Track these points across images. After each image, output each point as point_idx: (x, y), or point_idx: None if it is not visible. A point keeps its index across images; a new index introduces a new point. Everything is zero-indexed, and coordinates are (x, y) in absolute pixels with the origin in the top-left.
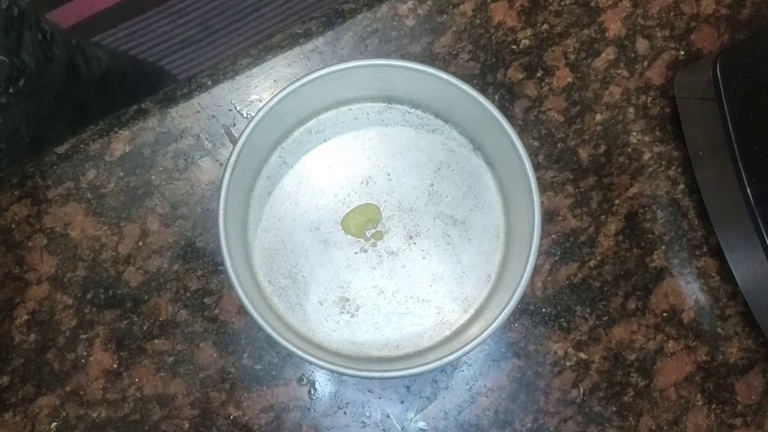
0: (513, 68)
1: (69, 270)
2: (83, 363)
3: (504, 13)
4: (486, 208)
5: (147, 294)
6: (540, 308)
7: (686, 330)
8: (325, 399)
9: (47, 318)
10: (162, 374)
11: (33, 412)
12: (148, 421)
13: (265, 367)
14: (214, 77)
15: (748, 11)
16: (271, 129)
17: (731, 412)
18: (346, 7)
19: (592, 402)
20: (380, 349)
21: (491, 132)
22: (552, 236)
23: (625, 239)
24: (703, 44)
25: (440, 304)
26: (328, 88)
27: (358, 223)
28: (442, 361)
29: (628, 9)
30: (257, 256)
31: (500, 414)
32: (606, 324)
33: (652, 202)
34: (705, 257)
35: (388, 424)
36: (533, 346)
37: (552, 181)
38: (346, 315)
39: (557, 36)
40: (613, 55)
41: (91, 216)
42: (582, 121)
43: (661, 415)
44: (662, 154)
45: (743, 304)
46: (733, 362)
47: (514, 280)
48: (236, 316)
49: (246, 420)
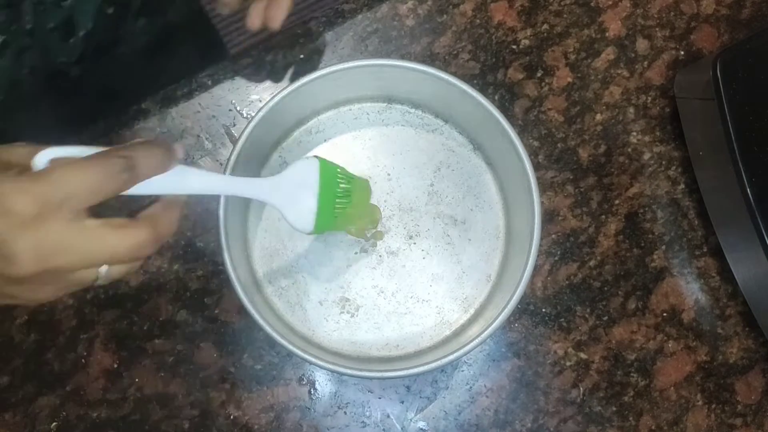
0: (513, 68)
1: None
2: (83, 363)
3: (504, 13)
4: (486, 208)
5: (147, 294)
6: (540, 308)
7: (686, 330)
8: (325, 399)
9: (47, 318)
10: (162, 374)
11: (33, 412)
12: (148, 421)
13: (265, 367)
14: (214, 77)
15: (748, 11)
16: (271, 129)
17: (731, 412)
18: (346, 7)
19: (592, 402)
20: (380, 349)
21: (491, 132)
22: (552, 236)
23: (625, 239)
24: (703, 44)
25: (440, 304)
26: (328, 88)
27: (359, 223)
28: (442, 361)
29: (628, 9)
30: (257, 256)
31: (500, 414)
32: (606, 324)
33: (652, 202)
34: (705, 257)
35: (388, 424)
36: (533, 346)
37: (552, 181)
38: (346, 315)
39: (557, 36)
40: (613, 55)
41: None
42: (582, 121)
43: (661, 415)
44: (662, 154)
45: (743, 304)
46: (733, 362)
47: (514, 280)
48: (236, 316)
49: (246, 420)
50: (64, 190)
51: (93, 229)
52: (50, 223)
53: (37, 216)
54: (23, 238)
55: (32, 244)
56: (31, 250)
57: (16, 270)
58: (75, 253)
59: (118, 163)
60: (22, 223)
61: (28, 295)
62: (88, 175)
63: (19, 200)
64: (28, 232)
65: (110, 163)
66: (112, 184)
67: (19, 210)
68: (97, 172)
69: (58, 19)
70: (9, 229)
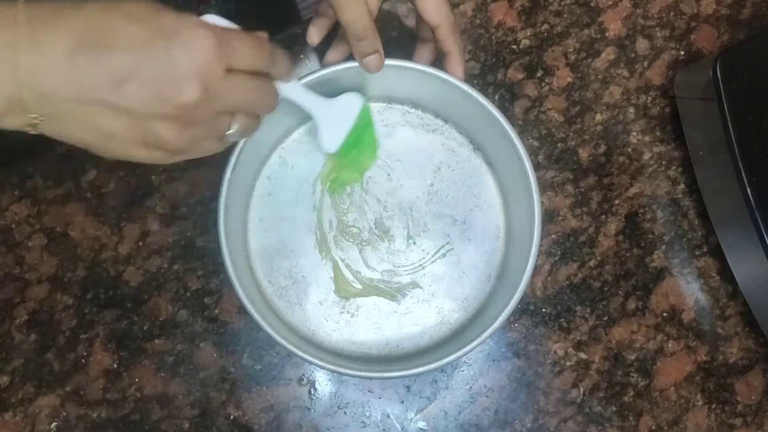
0: (513, 68)
1: (69, 270)
2: (83, 363)
3: (504, 13)
4: (486, 208)
5: (147, 294)
6: (540, 308)
7: (686, 330)
8: (325, 399)
9: (47, 318)
10: (162, 374)
11: (33, 412)
12: (148, 421)
13: (265, 367)
14: None
15: (748, 11)
16: (271, 129)
17: (731, 412)
18: None
19: (592, 402)
20: (380, 349)
21: (491, 132)
22: (552, 236)
23: (625, 239)
24: (703, 44)
25: (440, 304)
26: (329, 88)
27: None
28: (442, 361)
29: (628, 9)
30: (257, 256)
31: (500, 414)
32: (606, 324)
33: (652, 202)
34: (705, 257)
35: (388, 424)
36: (533, 346)
37: (552, 181)
38: (346, 315)
39: (557, 36)
40: (613, 55)
41: (91, 216)
42: (582, 121)
43: (661, 415)
44: (662, 154)
45: (743, 304)
46: (733, 362)
47: (514, 280)
48: (236, 316)
49: (246, 420)
50: (236, 46)
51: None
52: (216, 66)
53: (210, 59)
54: (196, 66)
55: (200, 75)
56: (198, 79)
57: (182, 96)
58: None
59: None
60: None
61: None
62: (254, 46)
63: (205, 36)
64: (202, 64)
65: (265, 45)
66: (262, 62)
67: (201, 44)
68: (259, 47)
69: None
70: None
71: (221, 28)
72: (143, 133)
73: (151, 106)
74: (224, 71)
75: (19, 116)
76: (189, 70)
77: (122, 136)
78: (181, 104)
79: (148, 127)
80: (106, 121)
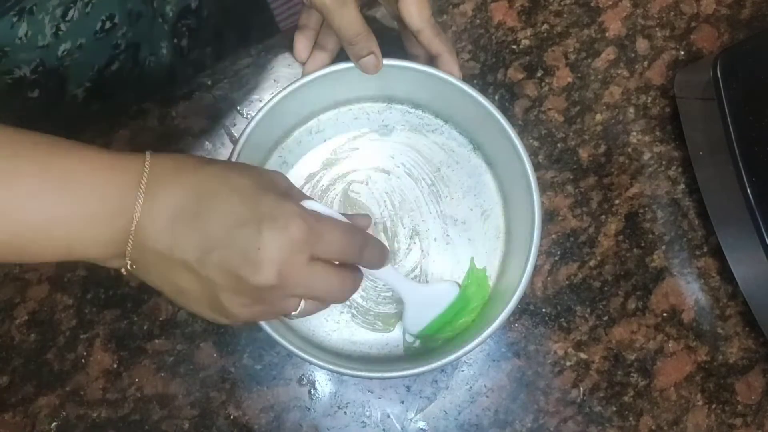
0: (513, 68)
1: (69, 270)
2: (83, 363)
3: (504, 13)
4: (486, 208)
5: (147, 294)
6: (540, 308)
7: (686, 330)
8: (325, 399)
9: (47, 318)
10: (162, 374)
11: (33, 412)
12: (148, 421)
13: (265, 367)
14: (214, 77)
15: (748, 11)
16: (271, 129)
17: (731, 412)
18: None
19: (592, 402)
20: (380, 349)
21: (491, 132)
22: (552, 236)
23: (625, 239)
24: (703, 44)
25: None
26: (328, 88)
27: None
28: (442, 361)
29: (628, 9)
30: None
31: (500, 414)
32: (606, 324)
33: (652, 202)
34: (705, 257)
35: (388, 424)
36: (533, 346)
37: (552, 181)
38: (346, 315)
39: (557, 36)
40: (613, 55)
41: None
42: (582, 121)
43: (661, 415)
44: (662, 154)
45: (743, 304)
46: (733, 362)
47: (514, 280)
48: None
49: (246, 420)
50: (326, 238)
51: (321, 269)
52: (299, 255)
53: (295, 249)
54: (280, 255)
55: (281, 263)
56: (278, 267)
57: (257, 278)
58: (303, 284)
59: (360, 241)
60: (285, 244)
61: (244, 312)
62: (344, 239)
63: (298, 226)
64: (286, 253)
65: (357, 238)
66: (350, 255)
67: (291, 232)
68: (349, 240)
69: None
70: (274, 243)
71: (317, 217)
72: (212, 299)
73: (225, 279)
74: (307, 260)
75: (120, 260)
76: (271, 256)
77: (192, 295)
78: (254, 286)
79: (218, 295)
80: (183, 280)
